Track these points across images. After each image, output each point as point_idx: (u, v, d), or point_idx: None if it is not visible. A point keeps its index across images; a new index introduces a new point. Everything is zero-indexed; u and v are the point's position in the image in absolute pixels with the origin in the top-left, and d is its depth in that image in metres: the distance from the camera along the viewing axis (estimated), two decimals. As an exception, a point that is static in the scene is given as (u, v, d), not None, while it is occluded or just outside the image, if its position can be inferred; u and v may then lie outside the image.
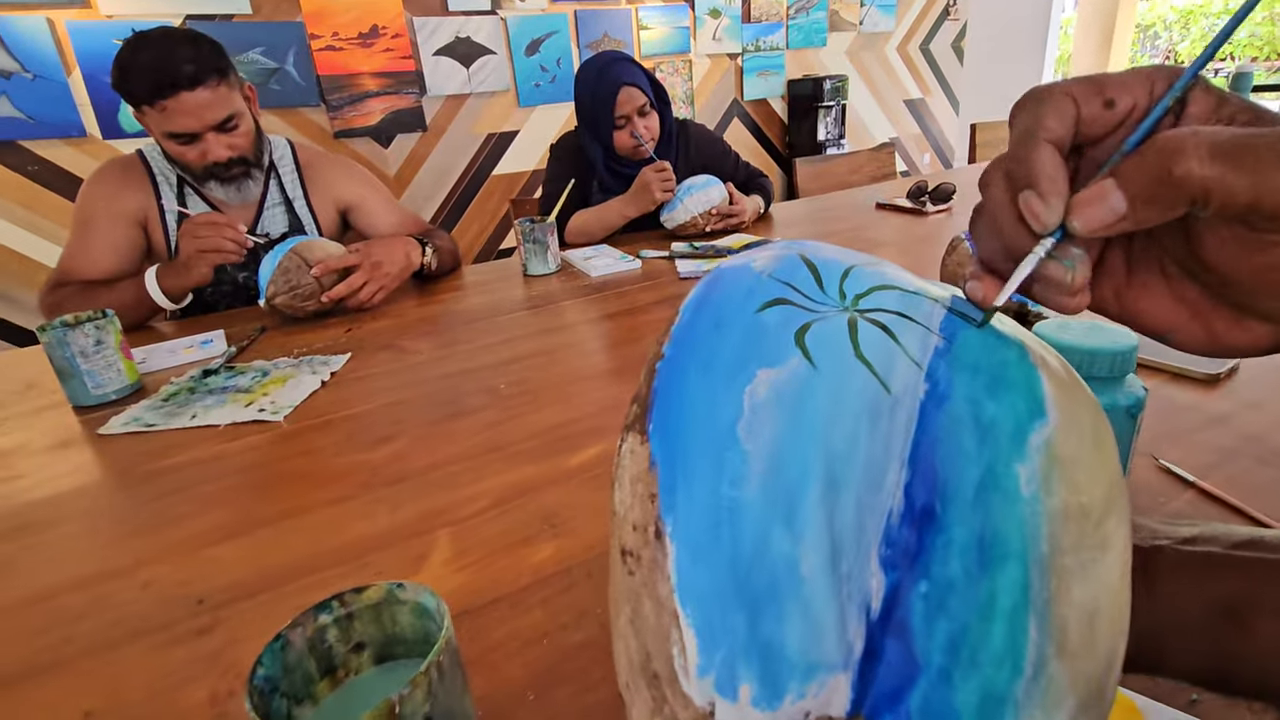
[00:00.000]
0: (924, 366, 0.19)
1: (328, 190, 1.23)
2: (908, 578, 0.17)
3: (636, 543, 0.19)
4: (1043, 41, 4.18)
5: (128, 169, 1.11)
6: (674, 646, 0.17)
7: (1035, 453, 0.18)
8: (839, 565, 0.17)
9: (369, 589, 0.29)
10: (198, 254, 0.98)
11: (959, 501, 0.17)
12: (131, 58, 0.95)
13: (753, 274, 0.23)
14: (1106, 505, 0.18)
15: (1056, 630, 0.16)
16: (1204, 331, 0.23)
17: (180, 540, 0.50)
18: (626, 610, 0.19)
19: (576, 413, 0.65)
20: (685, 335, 0.22)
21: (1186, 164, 0.19)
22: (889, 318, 0.21)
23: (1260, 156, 0.18)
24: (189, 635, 0.41)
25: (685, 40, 3.43)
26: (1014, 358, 0.20)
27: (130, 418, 0.71)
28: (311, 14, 2.60)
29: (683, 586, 0.17)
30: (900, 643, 0.16)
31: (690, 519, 0.18)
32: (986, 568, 0.16)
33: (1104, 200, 0.20)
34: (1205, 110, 0.21)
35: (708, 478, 0.18)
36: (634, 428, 0.21)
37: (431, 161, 3.00)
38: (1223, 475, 0.46)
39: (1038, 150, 0.21)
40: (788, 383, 0.19)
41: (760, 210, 1.46)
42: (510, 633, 0.39)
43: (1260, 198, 0.18)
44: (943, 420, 0.18)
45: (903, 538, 0.17)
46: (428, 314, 1.02)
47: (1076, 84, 0.22)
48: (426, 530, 0.49)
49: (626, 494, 0.20)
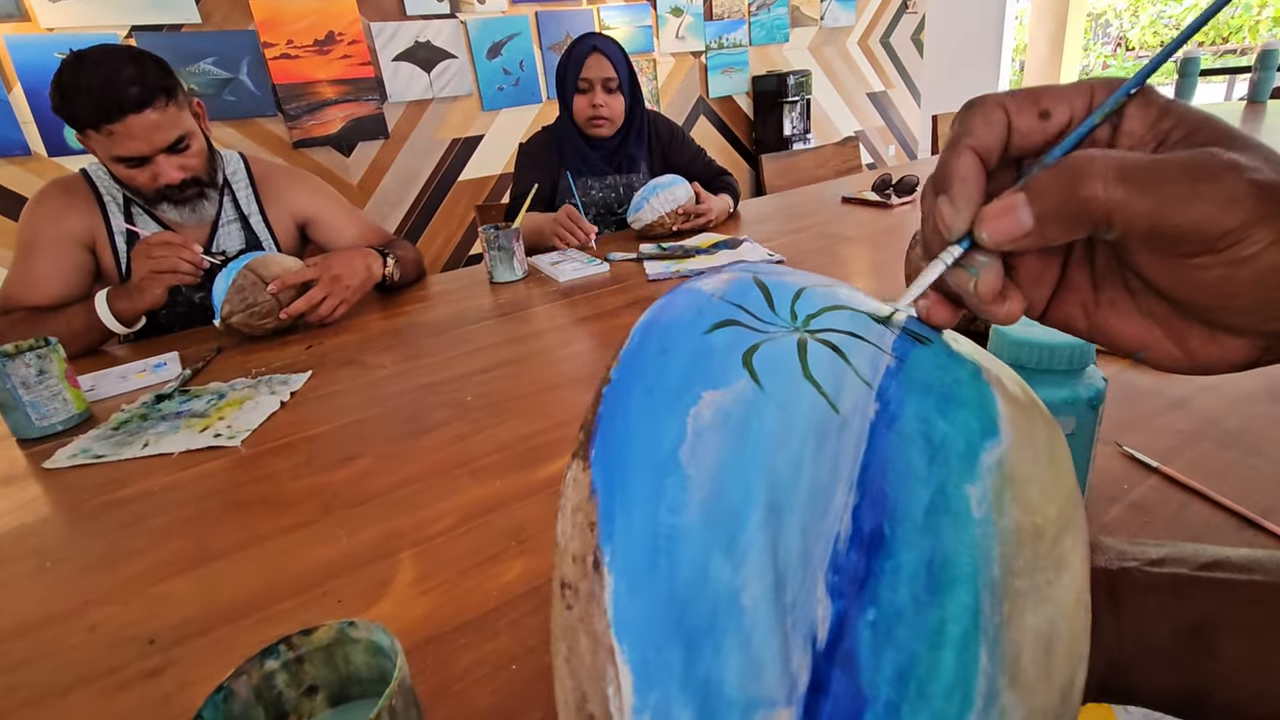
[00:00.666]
0: (874, 386, 0.19)
1: (284, 204, 1.19)
2: (854, 606, 0.16)
3: (575, 575, 0.18)
4: (999, 32, 4.26)
5: (71, 189, 1.06)
6: (609, 686, 0.16)
7: (987, 472, 0.17)
8: (783, 594, 0.16)
9: (318, 630, 0.28)
10: (152, 275, 0.95)
11: (908, 524, 0.16)
12: (72, 80, 0.91)
13: (703, 296, 0.23)
14: (1061, 524, 0.18)
15: (1009, 658, 0.16)
16: (1178, 349, 0.22)
17: (130, 577, 0.48)
18: (564, 648, 0.18)
19: (546, 422, 0.64)
20: (632, 359, 0.21)
21: (1092, 186, 0.18)
22: (840, 338, 0.20)
23: (1164, 181, 0.18)
24: (138, 678, 0.39)
25: (648, 39, 3.43)
26: (967, 376, 0.19)
27: (78, 449, 0.68)
28: (264, 21, 2.54)
29: (619, 620, 0.16)
30: (846, 675, 0.15)
31: (629, 548, 0.17)
32: (936, 593, 0.16)
33: (1012, 214, 0.20)
34: (1142, 126, 0.21)
35: (647, 504, 0.17)
36: (578, 455, 0.20)
37: (395, 169, 2.95)
38: (1184, 459, 0.46)
39: (956, 156, 0.21)
40: (734, 405, 0.18)
41: (730, 209, 1.46)
42: (478, 659, 0.37)
43: (1159, 223, 0.18)
44: (893, 440, 0.17)
45: (850, 563, 0.16)
46: (391, 327, 1.00)
47: (1012, 95, 0.22)
48: (390, 553, 0.47)
49: (568, 524, 0.19)
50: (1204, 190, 0.17)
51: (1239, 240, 0.18)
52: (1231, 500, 0.41)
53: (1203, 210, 0.17)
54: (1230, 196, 0.17)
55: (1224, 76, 3.93)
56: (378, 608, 0.42)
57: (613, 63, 1.38)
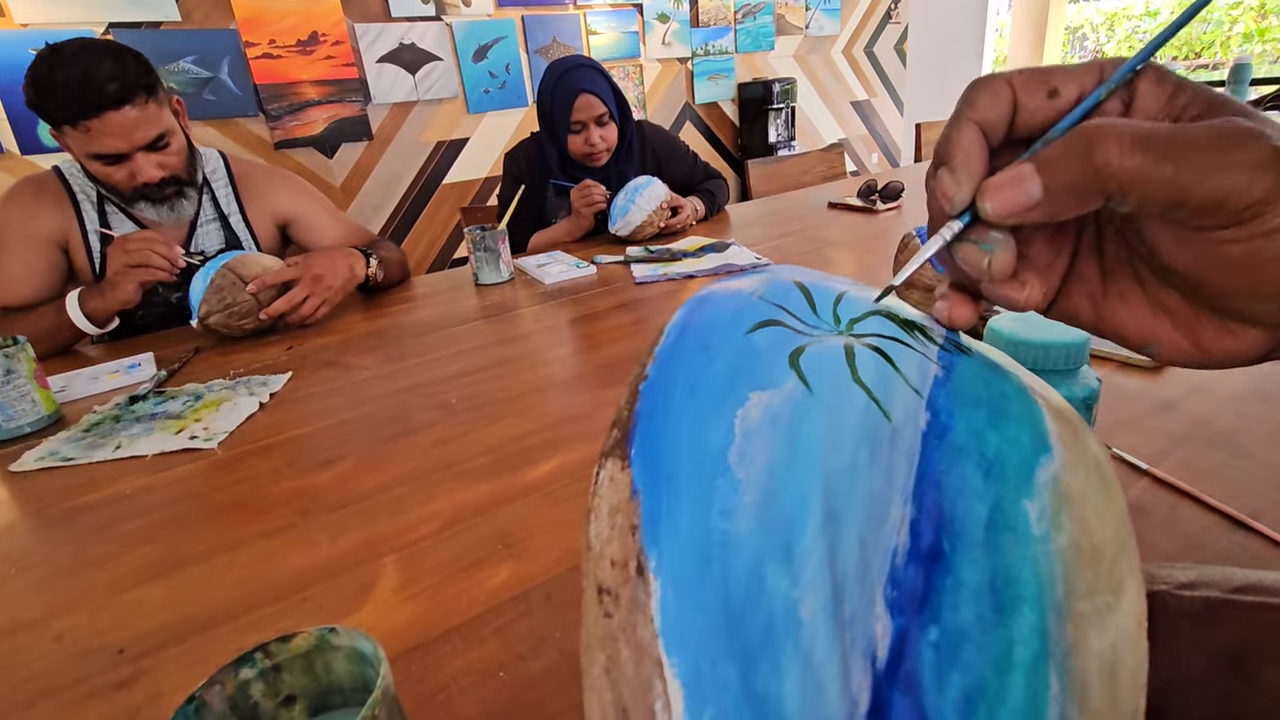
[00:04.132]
0: (924, 395, 0.18)
1: (265, 204, 1.17)
2: (915, 624, 0.15)
3: (615, 580, 0.17)
4: (980, 44, 4.32)
5: (43, 188, 1.03)
6: (657, 700, 0.15)
7: (1044, 489, 0.16)
8: (841, 608, 0.15)
9: (297, 637, 0.26)
10: (125, 270, 0.92)
11: (967, 540, 0.16)
12: (48, 75, 0.88)
13: (741, 295, 0.22)
14: (1118, 546, 0.17)
15: (1078, 685, 0.15)
16: (1189, 341, 0.21)
17: (99, 585, 0.46)
18: (601, 658, 0.17)
19: (533, 425, 0.63)
20: (670, 356, 0.20)
21: (1106, 153, 0.17)
22: (886, 343, 0.20)
23: (1186, 149, 0.17)
24: (106, 689, 0.37)
25: (635, 45, 3.43)
26: (1014, 390, 0.19)
27: (46, 452, 0.65)
28: (245, 21, 2.50)
29: (668, 630, 0.15)
30: (909, 698, 0.14)
31: (676, 553, 0.16)
32: (1001, 613, 0.15)
33: (1019, 184, 0.19)
34: (1156, 103, 0.20)
35: (696, 508, 0.16)
36: (613, 453, 0.19)
37: (379, 171, 2.92)
38: (1174, 460, 0.46)
39: (958, 128, 0.20)
40: (783, 406, 0.17)
41: (699, 211, 1.46)
42: (464, 667, 0.36)
43: (1183, 191, 0.17)
44: (946, 453, 0.17)
45: (909, 579, 0.15)
46: (374, 328, 0.98)
47: (1019, 73, 0.21)
48: (372, 558, 0.46)
49: (604, 526, 0.18)
50: (1230, 158, 0.17)
51: (1265, 211, 0.17)
52: (1221, 502, 0.41)
53: (1229, 178, 0.17)
54: (1257, 163, 0.16)
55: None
56: (360, 614, 0.41)
57: (600, 96, 1.36)
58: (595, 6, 3.27)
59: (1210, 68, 6.15)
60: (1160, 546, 0.39)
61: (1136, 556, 0.18)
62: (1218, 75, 4.43)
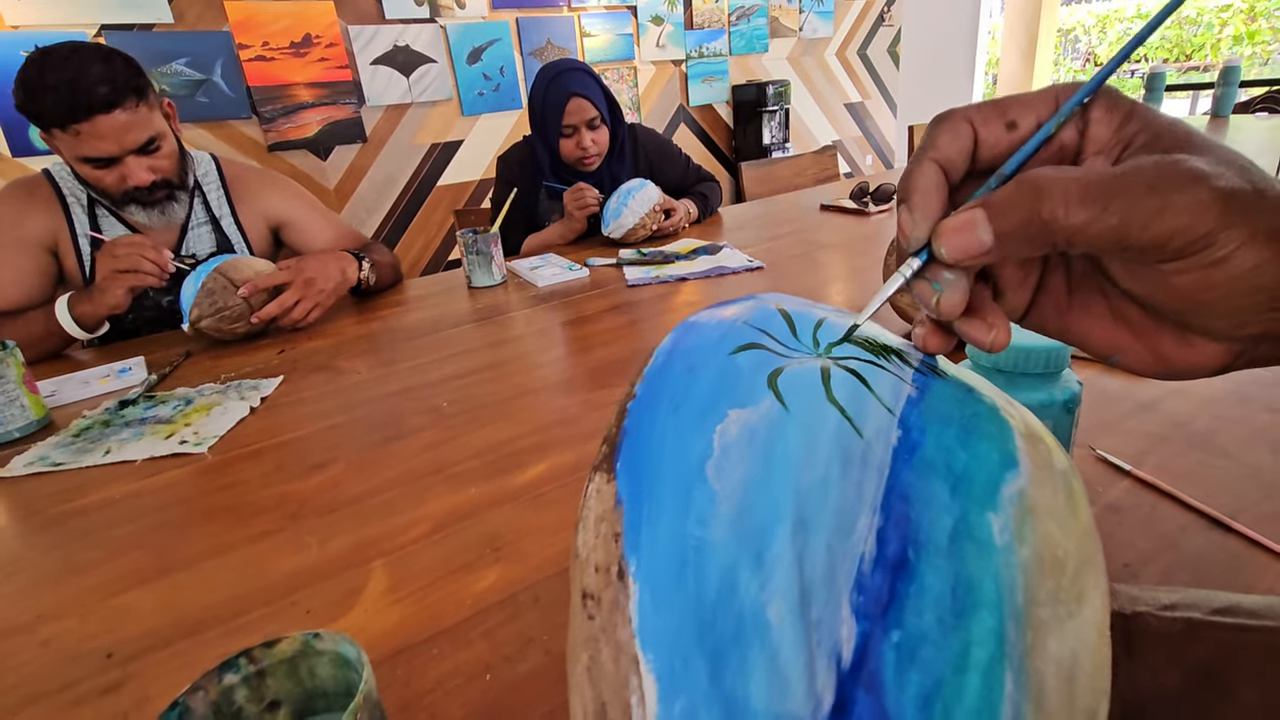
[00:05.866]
0: (896, 414, 0.19)
1: (257, 206, 1.17)
2: (879, 627, 0.16)
3: (598, 585, 0.18)
4: (972, 46, 4.34)
5: (33, 191, 1.03)
6: (633, 695, 0.16)
7: (1009, 503, 0.17)
8: (809, 611, 0.16)
9: (281, 642, 0.27)
10: (113, 275, 0.92)
11: (932, 549, 0.16)
12: (38, 78, 0.88)
13: (727, 321, 0.23)
14: (1081, 559, 0.18)
15: (1034, 686, 0.16)
16: (1150, 353, 0.22)
17: (87, 589, 0.46)
18: (584, 658, 0.18)
19: (523, 428, 0.63)
20: (658, 376, 0.22)
21: (1052, 208, 0.18)
22: (862, 365, 0.21)
23: (1129, 197, 0.18)
24: (94, 695, 0.37)
25: (629, 47, 3.44)
26: (985, 410, 0.20)
27: (35, 457, 0.65)
28: (239, 23, 2.50)
29: (644, 629, 0.16)
30: (871, 696, 0.15)
31: (654, 559, 0.17)
32: (960, 617, 0.16)
33: (971, 230, 0.20)
34: (1108, 131, 0.21)
35: (674, 516, 0.18)
36: (601, 467, 0.20)
37: (373, 173, 2.92)
38: (1155, 461, 0.47)
39: (919, 167, 0.21)
40: (759, 423, 0.19)
41: (692, 214, 1.47)
42: (451, 669, 0.36)
43: (1127, 237, 0.18)
44: (915, 467, 0.18)
45: (874, 584, 0.16)
46: (366, 331, 0.98)
47: (978, 107, 0.22)
48: (361, 562, 0.46)
49: (590, 534, 0.19)
50: (1171, 202, 0.17)
51: (1210, 244, 0.18)
52: (1200, 502, 0.42)
53: (1171, 222, 0.17)
54: (1197, 205, 0.17)
55: (1188, 92, 4.05)
56: (348, 618, 0.41)
57: (591, 99, 1.36)
58: (590, 9, 3.28)
59: (1201, 69, 6.19)
60: (1139, 546, 0.39)
61: (1102, 569, 0.19)
62: (1208, 77, 4.46)
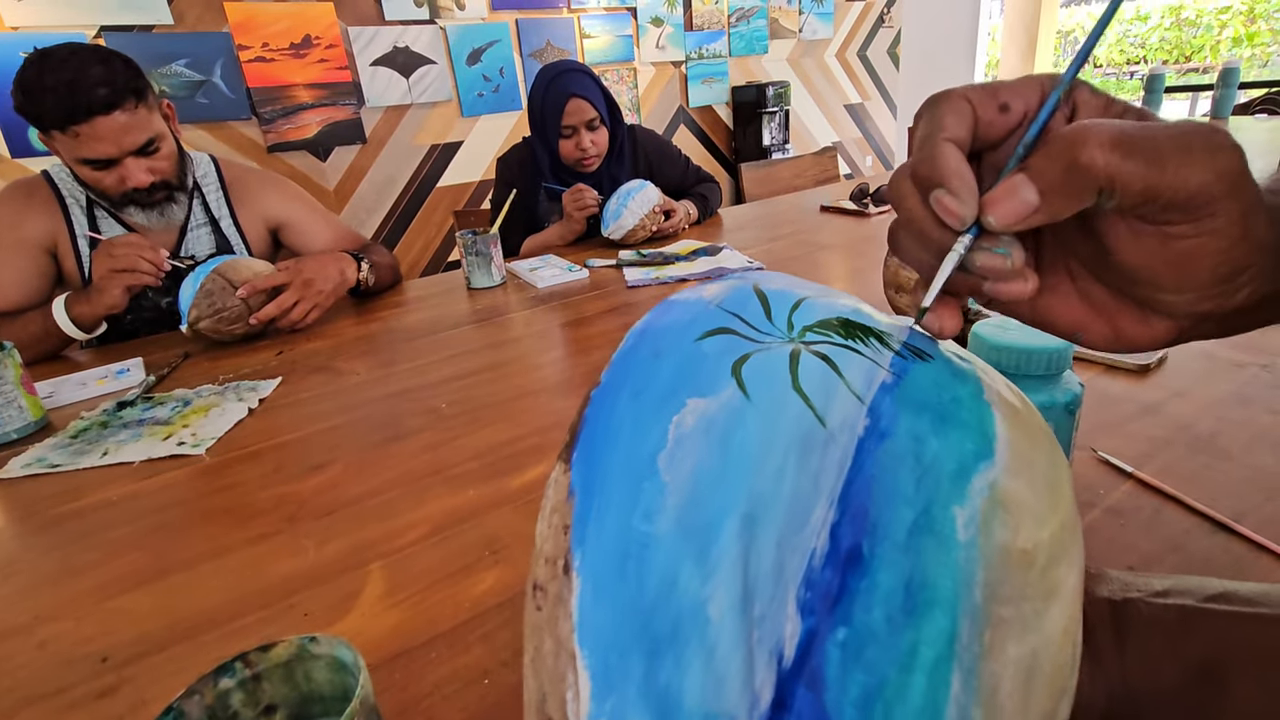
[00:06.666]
0: (866, 401, 0.18)
1: (256, 208, 1.17)
2: (825, 624, 0.15)
3: (546, 576, 0.18)
4: (972, 47, 4.34)
5: (32, 192, 1.03)
6: (569, 690, 0.16)
7: (977, 495, 0.17)
8: (750, 607, 0.15)
9: (277, 646, 0.26)
10: (110, 274, 0.92)
11: (888, 544, 0.16)
12: (37, 79, 0.88)
13: (700, 303, 0.23)
14: (1055, 551, 0.17)
15: (986, 689, 0.15)
16: (1109, 329, 0.24)
17: (83, 592, 0.46)
18: (531, 648, 0.18)
19: (522, 429, 0.63)
20: (623, 362, 0.21)
21: (1090, 152, 0.19)
22: (835, 350, 0.20)
23: (1156, 147, 0.19)
24: (89, 698, 0.37)
25: (629, 49, 3.44)
26: (966, 395, 0.19)
27: (33, 458, 0.65)
28: (238, 24, 2.50)
29: (582, 625, 0.16)
30: (812, 694, 0.15)
31: (599, 553, 0.17)
32: (911, 615, 0.15)
33: (1016, 194, 0.20)
34: (1095, 112, 0.22)
35: (621, 509, 0.17)
36: (562, 456, 0.20)
37: (372, 174, 2.91)
38: (1157, 464, 0.47)
39: (941, 150, 0.21)
40: (718, 413, 0.18)
41: (692, 215, 1.47)
42: (449, 674, 0.36)
43: (1154, 187, 0.19)
44: (881, 457, 0.17)
45: (824, 580, 0.16)
46: (365, 333, 0.98)
47: (972, 89, 0.22)
48: (358, 565, 0.46)
49: (545, 525, 0.19)
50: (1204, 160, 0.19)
51: (1215, 211, 0.19)
52: (1203, 504, 0.42)
53: (1199, 177, 0.19)
54: (1223, 169, 0.19)
55: (1187, 94, 4.05)
56: (345, 621, 0.41)
57: (590, 100, 1.36)
58: (589, 10, 3.28)
59: (1200, 71, 6.19)
60: (1143, 549, 0.39)
61: (1080, 561, 0.18)
62: (1207, 79, 4.46)
